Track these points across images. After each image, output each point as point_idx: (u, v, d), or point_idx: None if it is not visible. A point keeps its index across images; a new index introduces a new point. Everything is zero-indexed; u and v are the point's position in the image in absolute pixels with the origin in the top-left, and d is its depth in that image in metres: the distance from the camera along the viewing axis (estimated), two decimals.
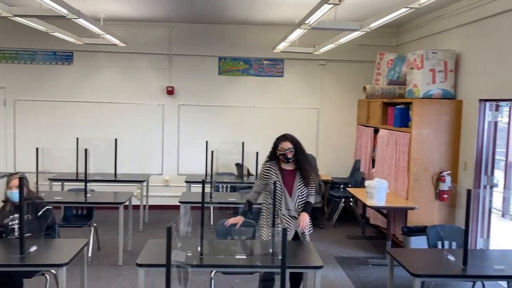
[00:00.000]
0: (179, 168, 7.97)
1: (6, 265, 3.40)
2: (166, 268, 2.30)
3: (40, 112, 7.69)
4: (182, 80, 7.87)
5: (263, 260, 3.54)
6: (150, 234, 6.51)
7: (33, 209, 4.04)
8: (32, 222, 3.97)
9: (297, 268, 3.47)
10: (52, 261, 3.46)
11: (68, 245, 3.85)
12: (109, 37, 6.41)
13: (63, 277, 3.39)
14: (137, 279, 4.80)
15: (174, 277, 2.62)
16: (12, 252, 3.53)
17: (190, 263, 3.23)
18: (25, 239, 3.52)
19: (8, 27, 7.43)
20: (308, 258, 3.64)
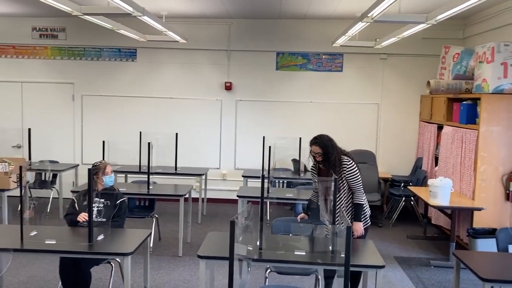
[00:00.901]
0: (236, 163, 8.06)
1: (76, 252, 3.58)
2: (230, 261, 2.33)
3: (106, 106, 8.03)
4: (240, 75, 7.93)
5: (323, 257, 3.50)
6: (208, 227, 6.63)
7: (113, 197, 4.31)
8: (109, 209, 4.23)
9: (358, 267, 3.40)
10: (118, 250, 3.60)
11: (132, 235, 3.99)
12: (171, 34, 6.56)
13: (128, 266, 3.52)
14: (197, 270, 4.96)
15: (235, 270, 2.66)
16: (81, 240, 3.71)
17: (251, 257, 3.25)
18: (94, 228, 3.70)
19: (77, 26, 7.82)
20: (369, 257, 3.56)
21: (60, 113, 8.07)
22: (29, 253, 3.74)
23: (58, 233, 3.89)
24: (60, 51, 8.01)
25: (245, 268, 3.10)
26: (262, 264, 4.04)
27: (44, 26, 7.95)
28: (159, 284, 4.65)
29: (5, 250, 3.49)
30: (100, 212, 4.24)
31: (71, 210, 4.28)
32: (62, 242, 3.66)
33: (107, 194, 4.34)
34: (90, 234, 3.67)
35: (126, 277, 3.55)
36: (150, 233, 4.05)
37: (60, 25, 7.94)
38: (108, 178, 4.37)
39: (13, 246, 3.52)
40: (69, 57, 8.02)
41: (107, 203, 4.29)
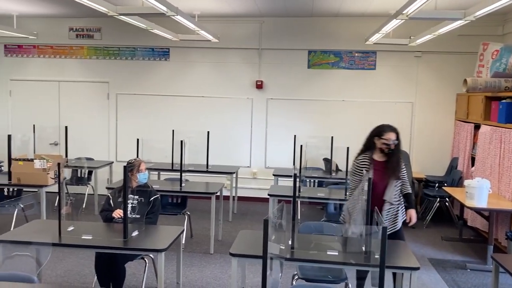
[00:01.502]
0: (266, 161, 8.06)
1: (111, 248, 3.66)
2: (263, 260, 2.33)
3: (139, 105, 8.18)
4: (271, 74, 7.93)
5: (356, 257, 3.46)
6: (238, 225, 6.66)
7: (147, 194, 4.39)
8: (143, 206, 4.31)
9: (393, 268, 3.34)
10: (152, 246, 3.66)
11: (165, 232, 4.05)
12: (203, 33, 6.62)
13: (161, 262, 3.58)
14: (228, 267, 4.99)
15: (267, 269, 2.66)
16: (117, 236, 3.79)
17: (284, 256, 3.24)
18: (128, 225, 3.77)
19: (112, 26, 7.99)
20: (403, 258, 3.49)
21: (95, 111, 8.27)
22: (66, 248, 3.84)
23: (94, 229, 3.99)
24: (96, 50, 8.20)
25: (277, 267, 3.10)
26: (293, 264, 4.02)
27: (81, 27, 8.16)
28: (191, 281, 4.70)
29: (44, 244, 3.60)
30: (134, 208, 4.32)
31: (106, 207, 4.37)
32: (98, 237, 3.74)
33: (141, 191, 4.42)
34: (125, 230, 3.74)
35: (159, 273, 3.61)
36: (182, 230, 4.10)
37: (95, 25, 8.13)
38: (142, 175, 4.44)
39: (52, 240, 3.63)
40: (104, 56, 8.20)
41: (141, 200, 4.37)
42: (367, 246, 3.55)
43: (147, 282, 4.47)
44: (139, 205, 4.34)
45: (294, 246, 3.53)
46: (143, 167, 4.47)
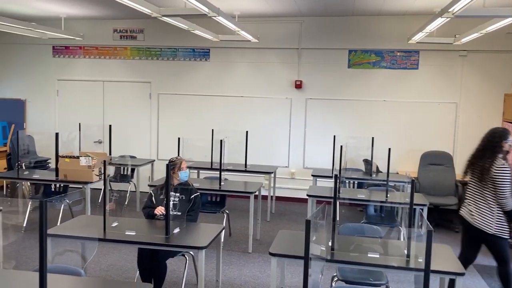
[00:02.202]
0: (305, 162, 8.02)
1: (153, 244, 3.74)
2: (304, 260, 2.32)
3: (180, 104, 8.32)
4: (311, 74, 7.89)
5: (398, 261, 3.39)
6: (276, 225, 6.67)
7: (187, 192, 4.47)
8: (184, 204, 4.39)
9: (437, 273, 3.25)
10: (193, 244, 3.71)
11: (206, 230, 4.11)
12: (243, 34, 6.66)
13: (202, 259, 3.62)
14: (267, 267, 5.00)
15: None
16: (159, 232, 3.87)
17: (325, 257, 3.22)
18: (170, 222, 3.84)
19: (154, 27, 8.16)
20: (447, 263, 3.40)
21: (137, 110, 8.48)
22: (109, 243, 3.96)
23: (137, 225, 4.09)
24: (139, 51, 8.41)
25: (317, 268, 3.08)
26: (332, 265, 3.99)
27: (124, 28, 8.39)
28: (230, 279, 4.75)
29: (91, 239, 3.72)
30: (176, 206, 4.40)
31: (149, 204, 4.48)
32: (141, 233, 3.84)
33: (182, 189, 4.49)
34: (167, 227, 3.82)
35: (200, 270, 3.66)
36: (223, 228, 4.14)
37: (139, 27, 8.33)
38: (183, 173, 4.52)
39: (98, 235, 3.75)
40: (146, 57, 8.39)
41: (182, 197, 4.45)
42: (408, 249, 3.48)
43: (187, 279, 4.54)
44: (180, 203, 4.42)
45: (334, 248, 3.50)
46: (184, 165, 4.55)
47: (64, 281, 2.92)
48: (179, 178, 4.51)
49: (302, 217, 7.01)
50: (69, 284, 2.89)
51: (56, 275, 2.91)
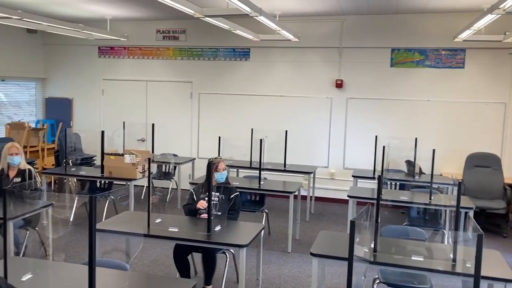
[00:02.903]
0: (345, 162, 7.93)
1: (196, 241, 3.81)
2: (348, 262, 2.30)
3: (220, 104, 8.41)
4: (352, 73, 7.78)
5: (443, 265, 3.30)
6: (316, 225, 6.63)
7: (227, 191, 4.50)
8: (224, 203, 4.43)
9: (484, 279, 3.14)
10: (234, 242, 3.75)
11: (246, 228, 4.14)
12: (284, 33, 6.65)
13: (243, 257, 3.65)
14: (306, 267, 4.99)
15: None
16: (201, 230, 3.93)
17: (368, 259, 3.18)
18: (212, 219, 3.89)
19: (196, 27, 8.28)
20: (496, 268, 3.28)
21: (179, 110, 8.63)
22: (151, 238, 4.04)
23: (180, 222, 4.17)
24: (181, 51, 8.55)
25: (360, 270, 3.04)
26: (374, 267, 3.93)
27: (167, 29, 8.55)
28: (270, 278, 4.76)
29: (136, 235, 3.83)
30: (216, 205, 4.43)
31: (190, 201, 4.55)
32: (183, 230, 3.91)
33: (222, 188, 4.53)
34: (209, 225, 3.87)
35: (241, 268, 3.69)
36: (263, 227, 4.16)
37: (181, 27, 8.47)
38: (219, 175, 4.51)
39: (142, 231, 3.85)
40: (188, 57, 8.53)
41: (222, 197, 4.48)
42: (454, 253, 3.38)
43: (226, 277, 4.58)
44: (220, 202, 4.46)
45: (377, 250, 3.44)
46: (221, 166, 4.54)
47: (111, 274, 3.01)
48: (215, 179, 4.53)
49: (342, 218, 6.93)
50: (115, 278, 2.98)
51: (103, 269, 3.01)
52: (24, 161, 5.04)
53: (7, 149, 4.90)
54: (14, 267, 2.97)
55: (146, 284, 2.94)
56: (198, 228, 4.00)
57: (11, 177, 4.92)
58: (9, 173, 4.94)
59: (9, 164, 4.93)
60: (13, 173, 4.95)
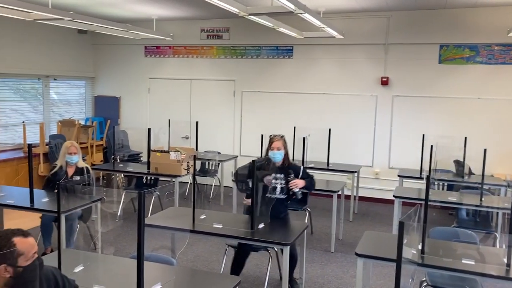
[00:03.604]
0: (390, 161, 7.76)
1: (239, 238, 3.83)
2: (397, 264, 2.24)
3: (263, 102, 8.42)
4: (398, 70, 7.59)
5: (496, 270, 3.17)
6: (359, 225, 6.52)
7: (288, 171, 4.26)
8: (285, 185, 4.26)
9: None
10: (278, 240, 3.75)
11: (289, 226, 4.13)
12: (328, 30, 6.57)
13: (287, 255, 3.64)
14: (350, 267, 4.92)
15: None
16: (245, 227, 3.95)
17: (416, 261, 3.10)
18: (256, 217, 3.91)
19: (239, 26, 8.33)
20: None
21: (222, 108, 8.71)
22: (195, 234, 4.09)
23: (223, 218, 4.20)
24: (224, 50, 8.63)
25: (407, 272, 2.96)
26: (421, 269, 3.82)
27: (211, 28, 8.65)
28: (312, 277, 4.73)
29: (183, 230, 3.90)
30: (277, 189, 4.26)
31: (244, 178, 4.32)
32: (227, 227, 3.94)
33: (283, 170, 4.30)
34: (252, 222, 3.89)
35: (284, 266, 3.68)
36: (307, 226, 4.13)
37: (224, 26, 8.55)
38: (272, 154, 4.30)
39: (187, 227, 3.91)
40: (231, 55, 8.59)
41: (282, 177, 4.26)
42: (509, 258, 3.23)
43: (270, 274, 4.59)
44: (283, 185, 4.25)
45: (425, 251, 3.35)
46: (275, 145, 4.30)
47: (158, 269, 3.08)
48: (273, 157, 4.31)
49: (387, 219, 6.78)
50: (162, 272, 3.05)
51: (151, 263, 3.08)
52: (81, 160, 5.26)
53: (67, 148, 5.11)
54: (67, 259, 3.10)
55: (192, 279, 2.98)
56: (242, 225, 4.02)
57: (69, 174, 5.14)
58: (67, 170, 5.16)
59: (67, 162, 5.15)
60: (72, 171, 5.17)
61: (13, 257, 1.97)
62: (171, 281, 2.86)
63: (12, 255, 1.96)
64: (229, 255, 4.42)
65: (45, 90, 8.57)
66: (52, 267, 2.35)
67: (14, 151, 7.69)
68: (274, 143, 4.32)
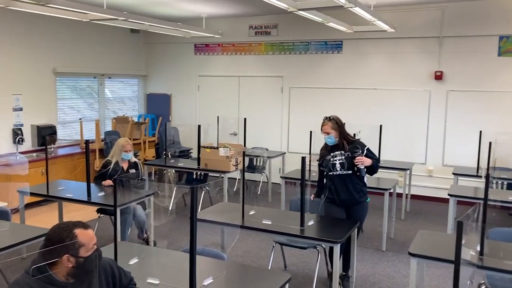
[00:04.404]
0: (444, 159, 7.48)
1: (289, 234, 3.83)
2: (455, 265, 2.16)
3: (311, 98, 8.34)
4: (453, 64, 7.29)
5: None
6: (412, 224, 6.34)
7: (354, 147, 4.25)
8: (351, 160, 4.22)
9: None
10: (328, 237, 3.70)
11: (339, 224, 4.07)
12: (379, 24, 6.41)
13: (337, 253, 3.60)
14: (402, 267, 4.80)
15: None
16: (294, 224, 3.92)
17: (476, 263, 2.97)
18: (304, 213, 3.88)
19: (287, 22, 8.29)
20: None
21: (270, 104, 8.71)
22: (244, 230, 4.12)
23: (272, 215, 4.20)
24: (272, 46, 8.62)
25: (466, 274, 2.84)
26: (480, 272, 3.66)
27: (259, 24, 8.66)
28: (363, 276, 4.65)
29: (234, 226, 3.94)
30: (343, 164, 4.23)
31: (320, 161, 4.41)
32: (276, 223, 3.94)
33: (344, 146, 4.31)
34: (302, 219, 3.86)
35: (335, 264, 3.64)
36: (358, 224, 4.06)
37: (273, 22, 8.53)
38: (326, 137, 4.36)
39: (237, 222, 3.95)
40: (279, 52, 8.57)
41: (348, 154, 4.25)
42: None
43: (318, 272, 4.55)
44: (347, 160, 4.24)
45: (484, 253, 3.20)
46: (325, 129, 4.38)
47: (209, 263, 3.13)
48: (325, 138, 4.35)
49: (440, 218, 6.55)
50: (214, 266, 3.09)
51: (203, 257, 3.13)
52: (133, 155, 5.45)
53: (123, 146, 5.29)
54: (122, 251, 3.20)
55: (243, 274, 3.01)
56: (291, 222, 4.00)
57: (125, 169, 5.33)
58: (122, 165, 5.34)
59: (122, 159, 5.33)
60: (126, 165, 5.36)
61: (75, 248, 2.06)
62: (222, 276, 2.89)
63: (74, 246, 2.05)
64: (277, 251, 4.42)
65: (100, 88, 8.91)
66: (109, 258, 2.44)
67: (71, 146, 8.05)
68: (322, 128, 4.40)
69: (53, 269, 2.07)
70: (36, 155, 7.26)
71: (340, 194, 4.24)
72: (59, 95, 8.06)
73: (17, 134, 7.15)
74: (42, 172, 6.73)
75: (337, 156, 4.27)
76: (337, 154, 4.28)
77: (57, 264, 2.07)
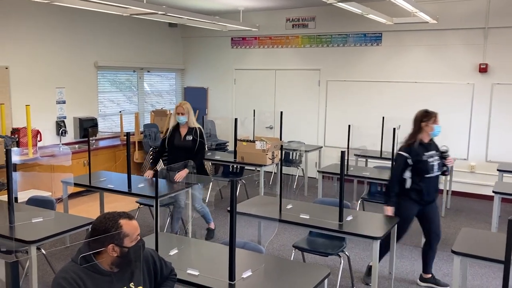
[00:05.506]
0: (487, 154, 7.22)
1: (326, 229, 3.79)
2: (505, 265, 2.08)
3: (348, 91, 8.22)
4: (499, 56, 7.01)
5: None
6: (452, 221, 6.18)
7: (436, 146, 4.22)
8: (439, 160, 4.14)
9: None
10: (367, 233, 3.65)
11: (377, 220, 4.00)
12: (421, 15, 6.22)
13: (376, 249, 3.55)
14: (442, 264, 4.68)
15: None
16: (332, 218, 3.88)
17: None
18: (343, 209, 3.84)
19: (326, 14, 8.17)
20: None
21: (306, 97, 8.64)
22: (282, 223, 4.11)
23: (310, 209, 4.18)
24: (310, 39, 8.53)
25: None
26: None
27: (296, 17, 8.58)
28: (402, 273, 4.56)
29: (271, 219, 3.94)
30: (440, 165, 4.15)
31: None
32: (314, 217, 3.92)
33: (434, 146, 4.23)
34: (341, 214, 3.82)
35: (374, 261, 3.58)
36: (398, 220, 3.98)
37: (310, 15, 8.43)
38: (437, 127, 4.25)
39: (275, 216, 3.95)
40: (317, 44, 8.47)
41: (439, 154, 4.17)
42: None
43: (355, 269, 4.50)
44: (440, 160, 4.15)
45: None
46: (438, 119, 4.27)
47: (248, 256, 3.14)
48: (431, 133, 4.19)
49: (483, 215, 6.35)
50: (252, 259, 3.10)
51: (241, 250, 3.15)
52: (192, 120, 5.24)
53: (176, 108, 5.23)
54: (163, 242, 3.26)
55: (281, 268, 3.00)
56: (329, 217, 3.96)
57: (182, 134, 5.23)
58: (180, 130, 5.25)
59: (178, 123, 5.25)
60: (184, 131, 5.22)
61: (120, 238, 2.10)
62: (261, 269, 2.90)
63: (119, 236, 2.10)
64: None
65: (139, 82, 9.08)
66: (150, 249, 2.48)
67: (112, 139, 8.25)
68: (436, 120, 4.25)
69: (98, 258, 2.13)
70: (78, 146, 7.48)
71: (431, 195, 4.16)
72: (100, 89, 8.27)
73: (60, 126, 7.38)
74: (84, 163, 6.93)
75: (434, 156, 4.12)
76: (433, 154, 4.12)
77: (102, 254, 2.12)
